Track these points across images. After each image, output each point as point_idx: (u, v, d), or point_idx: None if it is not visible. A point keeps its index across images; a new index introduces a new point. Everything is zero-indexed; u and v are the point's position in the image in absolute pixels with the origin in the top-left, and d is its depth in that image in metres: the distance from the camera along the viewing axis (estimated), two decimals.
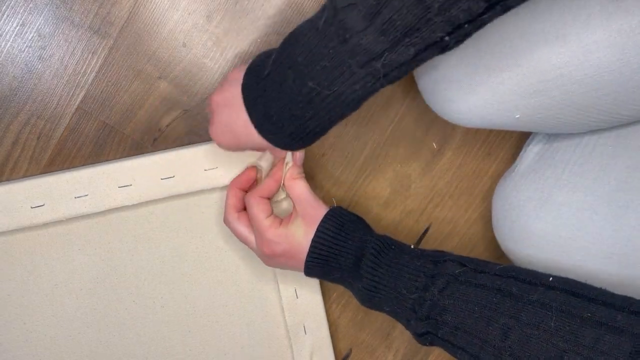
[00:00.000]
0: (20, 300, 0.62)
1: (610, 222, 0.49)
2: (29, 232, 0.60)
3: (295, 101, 0.44)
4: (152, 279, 0.63)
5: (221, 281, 0.65)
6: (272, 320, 0.66)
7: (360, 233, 0.52)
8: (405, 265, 0.49)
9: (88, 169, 0.59)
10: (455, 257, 0.50)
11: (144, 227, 0.62)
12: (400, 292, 0.49)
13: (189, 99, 0.62)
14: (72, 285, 0.62)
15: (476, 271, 0.47)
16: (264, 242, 0.54)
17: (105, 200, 0.59)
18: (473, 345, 0.44)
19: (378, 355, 0.71)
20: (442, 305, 0.46)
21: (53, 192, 0.59)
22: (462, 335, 0.45)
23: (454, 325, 0.45)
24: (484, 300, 0.44)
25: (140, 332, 0.64)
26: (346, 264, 0.52)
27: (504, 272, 0.46)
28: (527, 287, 0.44)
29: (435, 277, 0.47)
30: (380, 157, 0.66)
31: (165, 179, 0.60)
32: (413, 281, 0.48)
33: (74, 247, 0.62)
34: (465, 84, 0.51)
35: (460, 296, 0.46)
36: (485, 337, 0.43)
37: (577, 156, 0.53)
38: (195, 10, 0.60)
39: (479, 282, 0.46)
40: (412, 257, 0.50)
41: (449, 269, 0.47)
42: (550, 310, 0.41)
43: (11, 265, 0.61)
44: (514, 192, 0.56)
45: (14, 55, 0.59)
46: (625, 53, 0.43)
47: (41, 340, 0.62)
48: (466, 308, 0.45)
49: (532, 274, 0.45)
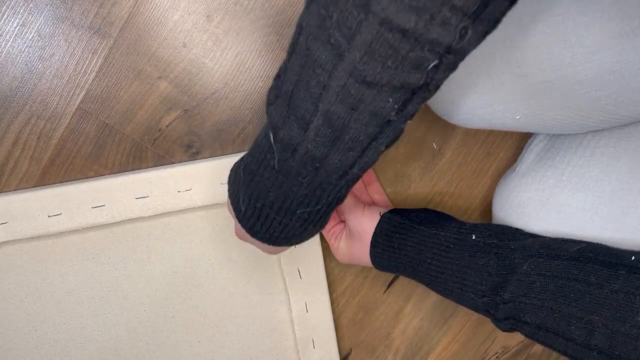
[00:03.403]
0: (33, 307, 0.62)
1: (611, 222, 0.49)
2: (44, 240, 0.61)
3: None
4: (164, 288, 0.64)
5: (232, 293, 0.65)
6: (282, 333, 0.67)
7: (411, 241, 0.53)
8: (468, 267, 0.48)
9: (106, 179, 0.60)
10: (522, 245, 0.47)
11: (159, 238, 0.63)
12: (469, 297, 0.48)
13: (189, 99, 0.62)
14: (84, 293, 0.63)
15: (549, 257, 0.44)
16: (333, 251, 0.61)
17: (121, 211, 0.60)
18: (559, 344, 0.43)
19: (378, 355, 0.71)
20: (518, 307, 0.44)
21: (71, 202, 0.59)
22: (545, 334, 0.44)
23: (536, 325, 0.44)
24: (561, 296, 0.42)
25: (150, 341, 0.64)
26: (406, 272, 0.54)
27: (580, 255, 0.43)
28: (606, 273, 0.41)
29: (504, 277, 0.46)
30: (380, 157, 0.66)
31: (181, 192, 0.60)
32: (479, 284, 0.47)
33: (87, 256, 0.62)
34: (465, 84, 0.51)
35: (535, 295, 0.44)
36: (570, 336, 0.42)
37: (578, 157, 0.53)
38: (195, 10, 0.60)
39: (554, 274, 0.43)
40: (474, 253, 0.48)
41: (517, 265, 0.45)
42: (635, 301, 0.39)
43: (25, 271, 0.61)
44: (514, 193, 0.56)
45: (14, 56, 0.58)
46: (626, 54, 0.43)
47: (52, 347, 0.63)
48: (544, 307, 0.43)
49: (611, 253, 0.43)
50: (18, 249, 0.61)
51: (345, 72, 0.33)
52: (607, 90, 0.45)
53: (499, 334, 0.73)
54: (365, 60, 0.32)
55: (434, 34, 0.31)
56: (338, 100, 0.35)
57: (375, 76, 0.33)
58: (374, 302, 0.70)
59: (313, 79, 0.35)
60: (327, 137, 0.37)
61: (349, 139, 0.37)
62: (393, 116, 0.36)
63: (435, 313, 0.71)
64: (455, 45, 0.31)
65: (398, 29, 0.30)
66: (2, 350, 0.62)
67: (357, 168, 0.40)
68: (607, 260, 0.42)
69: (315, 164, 0.39)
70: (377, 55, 0.32)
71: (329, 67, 0.33)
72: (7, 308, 0.61)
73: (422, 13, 0.29)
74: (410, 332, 0.71)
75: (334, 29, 0.32)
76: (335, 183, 0.41)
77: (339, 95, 0.34)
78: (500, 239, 0.49)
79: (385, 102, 0.35)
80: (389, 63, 0.32)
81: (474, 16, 0.30)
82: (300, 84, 0.36)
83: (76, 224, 0.59)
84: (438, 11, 0.29)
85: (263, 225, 0.45)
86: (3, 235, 0.59)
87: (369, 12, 0.30)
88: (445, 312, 0.71)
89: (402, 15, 0.30)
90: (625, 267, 0.41)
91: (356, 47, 0.32)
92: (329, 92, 0.34)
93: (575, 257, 0.44)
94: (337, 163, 0.39)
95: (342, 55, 0.33)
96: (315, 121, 0.36)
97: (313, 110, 0.36)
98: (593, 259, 0.43)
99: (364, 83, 0.33)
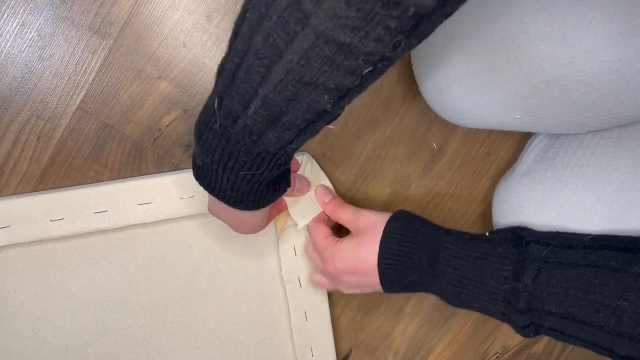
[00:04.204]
0: (33, 310, 0.62)
1: (611, 222, 0.49)
2: (46, 244, 0.61)
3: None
4: (164, 294, 0.64)
5: (232, 300, 0.65)
6: (280, 340, 0.67)
7: (429, 228, 0.51)
8: (488, 254, 0.47)
9: (109, 185, 0.60)
10: (535, 234, 0.47)
11: (160, 244, 0.63)
12: (489, 284, 0.46)
13: (189, 99, 0.62)
14: (84, 297, 0.63)
15: (564, 247, 0.44)
16: (323, 261, 0.56)
17: (124, 216, 0.60)
18: (587, 333, 0.42)
19: (378, 355, 0.71)
20: (541, 295, 0.43)
21: (73, 207, 0.59)
22: (571, 324, 0.42)
23: (561, 314, 0.43)
24: (585, 283, 0.41)
25: (149, 347, 0.64)
26: (420, 262, 0.50)
27: (595, 243, 0.43)
28: (626, 256, 0.41)
29: (524, 264, 0.45)
30: (380, 157, 0.66)
31: (184, 199, 0.60)
32: (500, 270, 0.46)
33: (89, 261, 0.62)
34: (466, 84, 0.51)
35: (557, 282, 0.43)
36: (599, 323, 0.41)
37: (578, 157, 0.53)
38: (195, 10, 0.60)
39: (573, 261, 0.43)
40: (492, 244, 0.48)
41: (535, 252, 0.45)
42: None
43: (25, 275, 0.61)
44: (514, 193, 0.56)
45: (14, 55, 0.58)
46: (626, 53, 0.43)
47: (51, 350, 0.63)
48: (568, 295, 0.42)
49: (624, 239, 0.42)
50: (19, 252, 0.61)
51: (283, 70, 0.34)
52: (608, 90, 0.45)
53: (499, 334, 0.73)
54: (302, 63, 0.33)
55: (368, 48, 0.32)
56: (276, 91, 0.36)
57: (311, 77, 0.34)
58: (374, 302, 0.70)
59: (253, 67, 0.36)
60: (265, 117, 0.38)
61: (286, 121, 0.39)
62: (329, 108, 0.37)
63: (435, 313, 0.71)
64: (388, 54, 0.33)
65: (334, 42, 0.32)
66: (2, 353, 0.62)
67: (295, 144, 0.42)
68: (623, 246, 0.42)
69: (253, 137, 0.40)
70: (313, 61, 0.33)
71: (268, 63, 0.35)
72: (7, 311, 0.61)
73: (358, 31, 0.31)
74: (410, 332, 0.71)
75: (273, 29, 0.33)
76: (274, 153, 0.42)
77: (276, 87, 0.36)
78: (513, 233, 0.49)
79: (321, 98, 0.36)
80: (325, 68, 0.33)
81: (408, 33, 0.32)
82: (242, 67, 0.37)
83: (78, 229, 0.59)
84: (373, 29, 0.31)
85: (216, 182, 0.46)
86: (5, 238, 0.59)
87: (306, 25, 0.31)
88: (446, 312, 0.71)
89: (339, 32, 0.31)
90: None
91: (293, 51, 0.33)
92: (267, 82, 0.36)
93: (589, 246, 0.43)
94: (275, 139, 0.40)
95: (281, 56, 0.34)
96: (254, 102, 0.38)
97: (253, 92, 0.37)
98: (608, 245, 0.42)
99: (300, 82, 0.35)
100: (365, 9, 0.29)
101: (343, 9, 0.29)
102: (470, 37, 0.49)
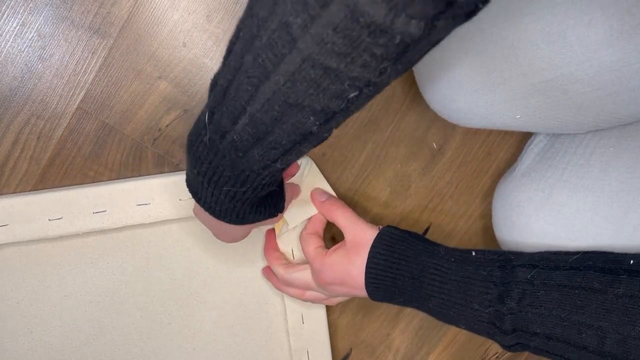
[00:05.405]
0: (29, 309, 0.62)
1: (611, 222, 0.49)
2: (44, 244, 0.61)
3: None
4: (161, 295, 0.64)
5: (229, 302, 0.65)
6: (276, 343, 0.67)
7: (412, 252, 0.51)
8: (471, 278, 0.47)
9: (108, 185, 0.60)
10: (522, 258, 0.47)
11: (158, 245, 0.63)
12: (473, 307, 0.47)
13: (189, 99, 0.62)
14: (81, 297, 0.63)
15: (550, 268, 0.44)
16: (313, 273, 0.56)
17: (122, 217, 0.60)
18: (572, 353, 0.42)
19: (378, 355, 0.71)
20: (526, 316, 0.44)
21: (72, 206, 0.59)
22: (556, 344, 0.43)
23: (545, 335, 0.43)
24: (568, 304, 0.42)
25: (145, 347, 0.64)
26: (404, 286, 0.50)
27: (580, 264, 0.43)
28: (608, 278, 0.41)
29: (509, 286, 0.45)
30: (380, 157, 0.66)
31: (183, 200, 0.60)
32: (484, 294, 0.46)
33: (86, 260, 0.62)
34: (466, 83, 0.51)
35: (542, 304, 0.43)
36: (582, 344, 0.41)
37: (578, 157, 0.53)
38: (195, 10, 0.60)
39: (557, 282, 0.43)
40: (476, 266, 0.48)
41: (520, 275, 0.45)
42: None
43: (22, 274, 0.61)
44: (514, 193, 0.56)
45: (14, 55, 0.58)
46: (626, 53, 0.43)
47: (47, 350, 0.63)
48: (552, 316, 0.43)
49: (609, 259, 0.43)
50: (17, 251, 0.61)
51: (270, 90, 0.35)
52: (608, 89, 0.45)
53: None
54: (288, 85, 0.34)
55: (354, 73, 0.32)
56: (263, 110, 0.36)
57: (297, 99, 0.35)
58: (373, 302, 0.70)
59: (243, 85, 0.36)
60: (252, 135, 0.39)
61: (272, 140, 0.39)
62: (315, 130, 0.38)
63: None
64: (375, 79, 0.33)
65: (320, 66, 0.32)
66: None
67: (279, 163, 0.42)
68: (607, 267, 0.42)
69: (238, 153, 0.41)
70: (299, 84, 0.33)
71: (256, 82, 0.35)
72: (4, 310, 0.61)
73: (344, 57, 0.31)
74: (410, 332, 0.71)
75: (262, 50, 0.33)
76: (259, 172, 0.43)
77: (263, 106, 0.36)
78: (499, 254, 0.49)
79: (307, 119, 0.37)
80: (311, 91, 0.34)
81: (394, 60, 0.32)
82: (233, 84, 0.37)
83: (76, 229, 0.59)
84: (359, 56, 0.31)
85: (201, 192, 0.46)
86: (3, 237, 0.59)
87: (293, 48, 0.32)
88: None
89: (325, 56, 0.31)
90: (625, 272, 0.41)
91: (280, 73, 0.33)
92: (255, 101, 0.36)
93: (574, 267, 0.44)
94: (259, 157, 0.41)
95: (268, 76, 0.34)
96: (242, 119, 0.38)
97: (241, 109, 0.38)
98: (592, 266, 0.43)
99: (286, 103, 0.35)
100: (352, 36, 0.30)
101: (330, 34, 0.30)
102: (470, 38, 0.49)
